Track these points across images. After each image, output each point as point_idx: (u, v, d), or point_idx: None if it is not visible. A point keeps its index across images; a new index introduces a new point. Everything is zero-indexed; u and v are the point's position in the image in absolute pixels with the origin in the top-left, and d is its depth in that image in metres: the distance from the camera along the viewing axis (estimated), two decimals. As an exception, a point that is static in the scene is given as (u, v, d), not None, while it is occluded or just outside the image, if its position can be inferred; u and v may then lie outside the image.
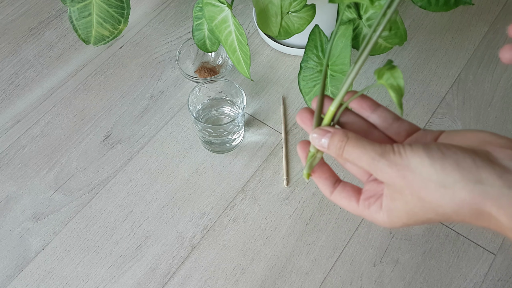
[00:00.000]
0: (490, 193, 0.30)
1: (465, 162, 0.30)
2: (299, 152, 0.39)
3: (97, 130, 0.83)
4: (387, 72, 0.35)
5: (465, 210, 0.31)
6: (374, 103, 0.39)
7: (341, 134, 0.35)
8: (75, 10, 0.81)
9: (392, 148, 0.32)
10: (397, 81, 0.34)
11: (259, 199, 0.76)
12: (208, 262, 0.71)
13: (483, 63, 0.88)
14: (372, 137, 0.38)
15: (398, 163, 0.32)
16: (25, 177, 0.79)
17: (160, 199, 0.77)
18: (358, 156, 0.34)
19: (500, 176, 0.30)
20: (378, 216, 0.35)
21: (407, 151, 0.32)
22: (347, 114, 0.39)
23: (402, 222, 0.34)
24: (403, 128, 0.38)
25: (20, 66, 0.91)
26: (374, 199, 0.36)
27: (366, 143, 0.33)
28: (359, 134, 0.35)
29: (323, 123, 0.38)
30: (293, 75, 0.88)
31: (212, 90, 0.79)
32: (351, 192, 0.38)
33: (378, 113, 0.38)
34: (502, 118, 0.82)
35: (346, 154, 0.34)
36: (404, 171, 0.32)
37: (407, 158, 0.31)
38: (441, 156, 0.31)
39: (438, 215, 0.32)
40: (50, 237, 0.74)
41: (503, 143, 0.31)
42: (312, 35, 0.70)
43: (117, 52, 0.92)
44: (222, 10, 0.67)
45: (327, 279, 0.70)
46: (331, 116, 0.37)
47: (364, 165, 0.34)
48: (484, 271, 0.69)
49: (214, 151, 0.80)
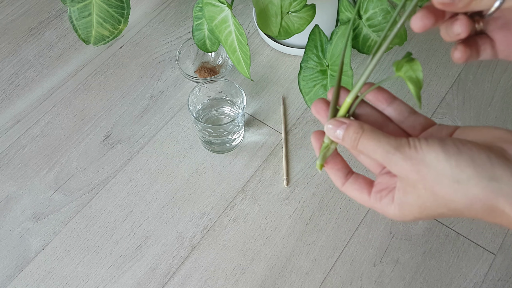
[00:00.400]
0: (504, 190, 0.30)
1: (480, 158, 0.30)
2: (313, 142, 0.39)
3: (97, 130, 0.83)
4: (406, 64, 0.35)
5: (478, 206, 0.31)
6: (390, 96, 0.38)
7: (357, 126, 0.34)
8: (75, 10, 0.81)
9: (408, 141, 0.32)
10: (416, 74, 0.34)
11: (259, 199, 0.76)
12: (208, 262, 0.71)
13: (483, 63, 0.88)
14: (387, 130, 0.38)
15: (413, 157, 0.32)
16: (25, 177, 0.79)
17: (160, 199, 0.77)
18: (373, 148, 0.33)
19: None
20: (389, 209, 0.35)
21: (422, 145, 0.32)
22: (362, 106, 0.39)
23: (413, 216, 0.34)
24: (419, 122, 0.38)
25: (20, 66, 0.91)
26: (386, 192, 0.36)
27: (381, 135, 0.33)
28: (374, 127, 0.35)
29: (339, 114, 0.37)
30: (293, 75, 0.88)
31: (212, 90, 0.79)
32: (363, 184, 0.37)
33: (394, 106, 0.38)
34: (502, 118, 0.82)
35: (361, 146, 0.34)
36: (419, 165, 0.31)
37: (422, 152, 0.31)
38: (457, 152, 0.30)
39: (450, 210, 0.32)
40: (50, 237, 0.74)
41: None
42: (312, 35, 0.70)
43: (117, 52, 0.92)
44: (222, 10, 0.67)
45: (327, 279, 0.70)
46: (347, 107, 0.37)
47: (379, 158, 0.33)
48: (484, 271, 0.69)
49: (214, 151, 0.80)
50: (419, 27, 0.34)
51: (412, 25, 0.34)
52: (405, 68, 0.35)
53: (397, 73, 0.35)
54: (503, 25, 0.36)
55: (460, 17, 0.34)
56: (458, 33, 0.34)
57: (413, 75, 0.34)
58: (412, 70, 0.34)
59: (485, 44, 0.37)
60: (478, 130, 0.34)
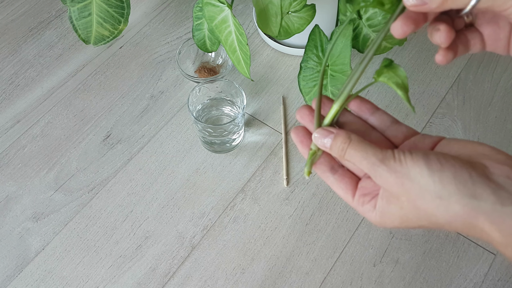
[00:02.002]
0: (483, 208, 0.30)
1: (462, 176, 0.31)
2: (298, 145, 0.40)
3: (97, 130, 0.83)
4: (388, 71, 0.35)
5: (458, 222, 0.32)
6: (373, 106, 0.39)
7: (344, 136, 0.35)
8: (75, 10, 0.81)
9: (393, 154, 0.33)
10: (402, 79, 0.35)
11: (259, 199, 0.76)
12: (208, 262, 0.71)
13: (483, 63, 0.88)
14: (370, 138, 0.38)
15: (397, 170, 0.32)
16: (25, 177, 0.79)
17: (160, 199, 0.77)
18: (359, 159, 0.34)
19: (494, 193, 0.30)
20: (371, 215, 0.36)
21: (407, 159, 0.32)
22: (346, 114, 0.39)
23: (393, 225, 0.35)
24: (401, 131, 0.38)
25: (20, 66, 0.91)
26: (369, 198, 0.36)
27: (368, 147, 0.34)
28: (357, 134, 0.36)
29: (325, 123, 0.38)
30: (293, 75, 0.88)
31: (212, 90, 0.79)
32: (348, 184, 0.38)
33: (377, 116, 0.39)
34: (502, 118, 0.82)
35: (348, 156, 0.35)
36: (403, 178, 0.32)
37: (407, 166, 0.32)
38: (440, 168, 0.31)
39: (431, 223, 0.33)
40: (50, 237, 0.74)
41: (501, 159, 0.32)
42: (312, 35, 0.70)
43: (117, 52, 0.92)
44: (222, 10, 0.67)
45: (327, 279, 0.70)
46: (332, 117, 0.38)
47: (364, 168, 0.34)
48: (484, 271, 0.69)
49: (214, 151, 0.80)
50: (399, 34, 0.34)
51: (392, 32, 0.34)
52: (388, 74, 0.35)
53: (378, 79, 0.36)
54: (491, 19, 0.36)
55: (441, 28, 0.34)
56: (439, 44, 0.35)
57: (398, 81, 0.35)
58: (397, 76, 0.35)
59: (474, 39, 0.37)
60: (463, 145, 0.34)
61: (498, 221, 0.30)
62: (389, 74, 0.35)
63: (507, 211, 0.30)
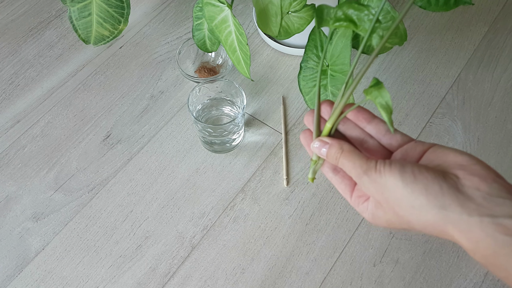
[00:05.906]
0: (451, 218, 0.33)
1: (433, 188, 0.34)
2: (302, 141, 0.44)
3: (97, 130, 0.83)
4: (375, 90, 0.38)
5: (431, 229, 0.35)
6: (370, 115, 0.42)
7: (337, 147, 0.39)
8: (75, 10, 0.81)
9: (375, 166, 0.36)
10: (385, 100, 0.37)
11: (259, 199, 0.76)
12: (208, 262, 0.71)
13: (483, 63, 0.88)
14: (367, 145, 0.42)
15: (377, 181, 0.36)
16: (25, 177, 0.79)
17: (160, 199, 0.77)
18: (349, 168, 0.38)
19: (461, 204, 0.33)
20: (365, 215, 0.40)
21: (386, 170, 0.35)
22: (346, 122, 0.42)
23: (383, 226, 0.39)
24: (395, 140, 0.41)
25: (20, 66, 0.91)
26: (363, 200, 0.40)
27: (356, 157, 0.38)
28: (356, 142, 0.41)
29: (323, 134, 0.42)
30: (293, 75, 0.88)
31: (212, 90, 0.79)
32: (347, 185, 0.42)
33: (373, 125, 0.42)
34: (502, 118, 0.82)
35: (340, 164, 0.39)
36: (382, 188, 0.36)
37: (385, 177, 0.35)
38: (413, 180, 0.34)
39: (410, 227, 0.36)
40: (50, 237, 0.74)
41: (475, 170, 0.34)
42: (312, 35, 0.70)
43: (117, 52, 0.92)
44: (222, 10, 0.67)
45: (327, 279, 0.70)
46: (328, 130, 0.41)
47: (353, 177, 0.38)
48: (484, 271, 0.69)
49: (214, 151, 0.80)
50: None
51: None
52: (374, 93, 0.38)
53: (367, 97, 0.39)
54: None
55: None
56: None
57: (382, 102, 0.37)
58: (381, 96, 0.37)
59: None
60: (446, 153, 0.37)
61: (466, 230, 0.33)
62: (375, 94, 0.38)
63: (472, 221, 0.32)
